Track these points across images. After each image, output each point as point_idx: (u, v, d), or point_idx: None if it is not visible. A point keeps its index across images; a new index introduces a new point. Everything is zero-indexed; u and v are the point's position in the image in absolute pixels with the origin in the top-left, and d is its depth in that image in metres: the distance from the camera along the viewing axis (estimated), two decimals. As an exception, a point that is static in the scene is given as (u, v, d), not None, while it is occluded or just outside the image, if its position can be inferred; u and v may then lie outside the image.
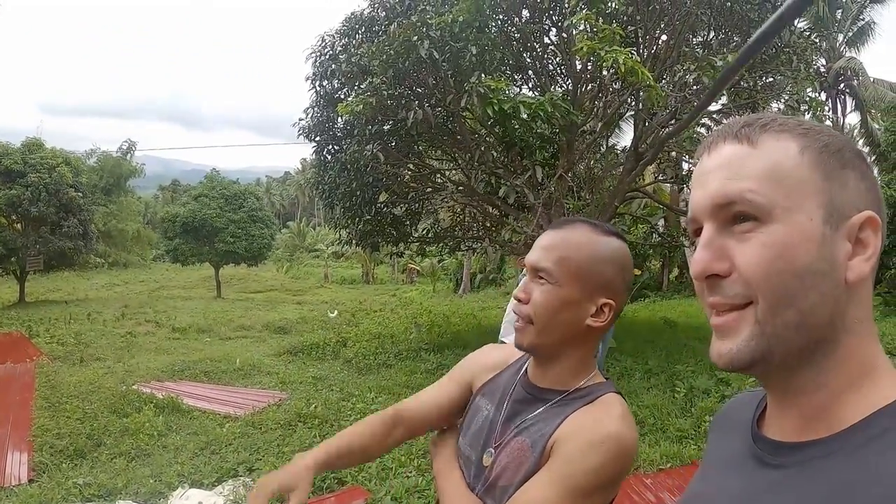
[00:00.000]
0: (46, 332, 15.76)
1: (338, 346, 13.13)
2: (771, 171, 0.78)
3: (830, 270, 0.76)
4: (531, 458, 1.37)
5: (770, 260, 0.76)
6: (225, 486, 5.73)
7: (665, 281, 26.95)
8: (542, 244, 1.45)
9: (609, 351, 10.25)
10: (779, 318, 0.77)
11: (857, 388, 0.78)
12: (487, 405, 1.56)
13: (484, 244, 12.40)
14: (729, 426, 1.00)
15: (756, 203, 0.77)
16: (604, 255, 1.42)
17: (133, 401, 8.47)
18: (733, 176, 0.80)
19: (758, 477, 0.84)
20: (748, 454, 0.88)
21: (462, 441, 1.58)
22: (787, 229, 0.76)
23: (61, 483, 5.80)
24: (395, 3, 11.10)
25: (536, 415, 1.44)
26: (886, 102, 20.91)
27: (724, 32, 11.02)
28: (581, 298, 1.40)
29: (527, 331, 1.43)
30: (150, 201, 71.76)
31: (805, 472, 0.77)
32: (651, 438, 6.86)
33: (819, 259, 0.76)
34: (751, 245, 0.78)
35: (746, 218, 0.78)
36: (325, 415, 7.61)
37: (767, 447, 0.85)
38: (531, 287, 1.44)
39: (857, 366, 0.79)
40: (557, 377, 1.46)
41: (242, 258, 32.41)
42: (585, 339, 1.45)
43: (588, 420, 1.35)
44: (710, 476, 0.98)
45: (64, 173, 24.35)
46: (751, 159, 0.80)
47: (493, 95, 8.79)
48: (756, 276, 0.77)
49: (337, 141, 12.63)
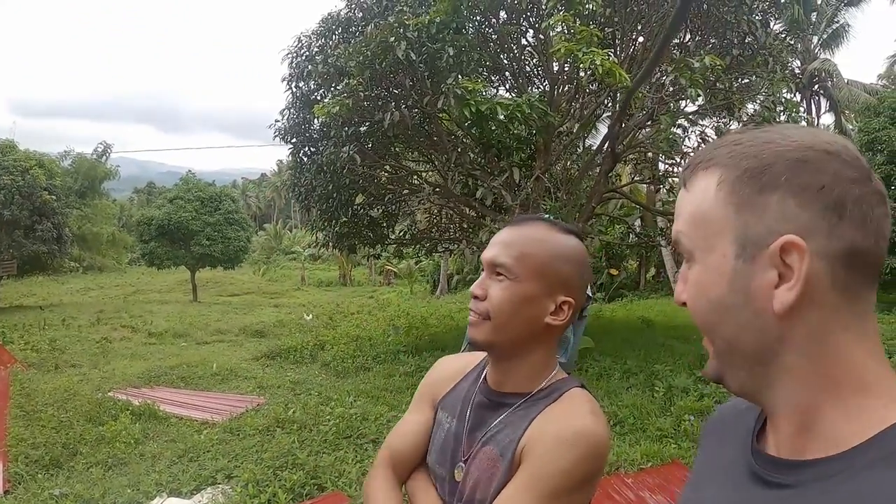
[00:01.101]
0: (20, 338, 15.54)
1: (315, 350, 13.08)
2: (693, 214, 0.82)
3: (745, 303, 0.78)
4: (502, 467, 1.34)
5: (694, 296, 0.83)
6: (204, 494, 5.68)
7: (642, 280, 27.10)
8: (500, 240, 1.42)
9: (587, 351, 10.29)
10: (715, 346, 0.83)
11: (842, 407, 0.76)
12: (448, 419, 1.52)
13: (461, 246, 12.38)
14: (724, 434, 0.99)
15: (685, 246, 0.84)
16: (564, 253, 1.40)
17: (109, 408, 8.36)
18: (678, 217, 0.86)
19: (756, 495, 0.82)
20: (745, 468, 0.86)
21: (430, 459, 1.53)
22: (702, 269, 0.81)
23: (37, 494, 5.70)
24: (373, 4, 11.09)
25: (501, 421, 1.40)
26: (860, 104, 21.15)
27: (700, 34, 11.10)
28: (540, 295, 1.37)
29: (482, 326, 1.39)
30: (126, 204, 71.11)
31: (806, 494, 0.75)
32: (631, 438, 6.89)
33: (730, 293, 0.78)
34: (689, 283, 0.85)
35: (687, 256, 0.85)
36: (303, 419, 7.55)
37: (766, 464, 0.83)
38: (488, 283, 1.40)
39: (832, 384, 0.76)
40: (518, 379, 1.42)
41: (218, 261, 32.23)
42: (545, 338, 1.42)
43: (555, 419, 1.33)
44: (703, 486, 0.97)
45: (37, 176, 24.11)
46: (684, 203, 0.85)
47: (470, 97, 8.80)
48: (691, 309, 0.84)
49: (313, 143, 12.59)
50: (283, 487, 5.53)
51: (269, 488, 5.52)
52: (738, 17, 10.10)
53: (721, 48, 10.62)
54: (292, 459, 6.14)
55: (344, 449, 6.65)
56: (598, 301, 22.63)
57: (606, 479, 5.84)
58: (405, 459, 1.56)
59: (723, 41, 10.76)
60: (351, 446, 6.75)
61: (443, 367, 1.67)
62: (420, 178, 13.29)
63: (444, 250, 16.42)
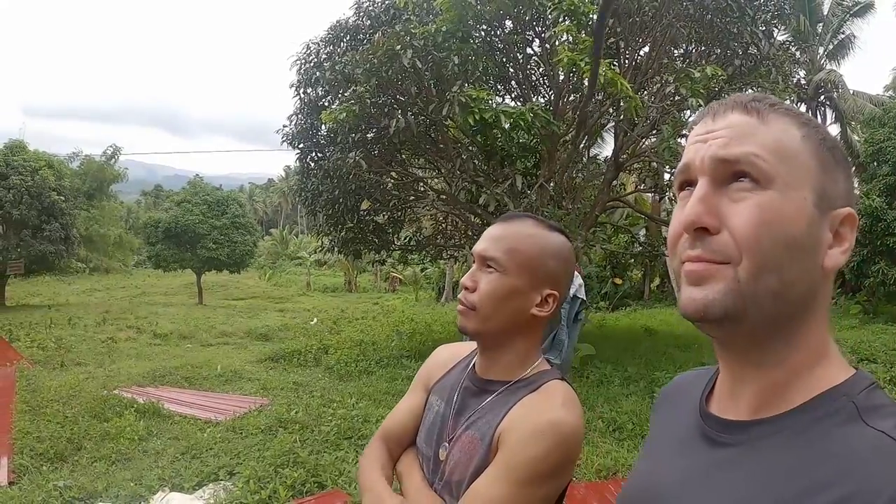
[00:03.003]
0: (27, 336, 15.65)
1: (319, 353, 13.10)
2: (777, 146, 0.81)
3: (814, 250, 0.80)
4: (480, 451, 1.40)
5: (764, 222, 0.78)
6: (206, 489, 5.74)
7: (647, 290, 27.02)
8: (491, 235, 1.50)
9: (588, 358, 10.34)
10: (761, 282, 0.78)
11: (810, 370, 0.82)
12: (438, 402, 1.59)
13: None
14: (675, 404, 1.03)
15: (760, 167, 0.79)
16: (550, 249, 1.48)
17: (114, 405, 8.42)
18: (741, 139, 0.82)
19: (707, 455, 0.87)
20: (696, 432, 0.91)
21: (419, 440, 1.61)
22: (783, 199, 0.79)
23: (42, 486, 5.77)
24: (380, 13, 11.20)
25: (483, 406, 1.47)
26: (865, 115, 21.06)
27: (704, 45, 11.16)
28: (527, 288, 1.45)
29: (470, 316, 1.48)
30: (133, 206, 71.10)
31: (754, 451, 0.80)
32: (630, 444, 6.92)
33: (807, 235, 0.79)
34: (746, 205, 0.79)
35: (746, 178, 0.80)
36: (305, 420, 7.61)
37: (716, 425, 0.88)
38: (478, 275, 1.48)
39: (815, 348, 0.83)
40: (503, 368, 1.50)
41: (224, 265, 32.17)
42: (530, 329, 1.50)
43: (530, 409, 1.38)
44: (656, 454, 1.02)
45: (46, 176, 24.12)
46: (759, 130, 0.82)
47: (474, 105, 8.87)
48: (748, 236, 0.78)
49: (320, 148, 12.68)
50: (283, 484, 5.59)
51: (269, 485, 5.58)
52: (741, 27, 10.17)
53: (724, 59, 10.69)
54: (293, 458, 6.19)
55: (345, 449, 6.71)
56: (601, 310, 22.63)
57: (603, 484, 5.92)
58: (397, 438, 1.65)
59: (726, 52, 10.83)
60: (352, 446, 6.80)
61: (438, 355, 1.76)
62: (425, 185, 13.37)
63: (449, 257, 16.45)
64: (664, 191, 14.34)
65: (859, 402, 0.77)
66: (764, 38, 10.64)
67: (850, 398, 0.78)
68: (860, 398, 0.78)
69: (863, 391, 0.79)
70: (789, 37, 14.42)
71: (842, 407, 0.78)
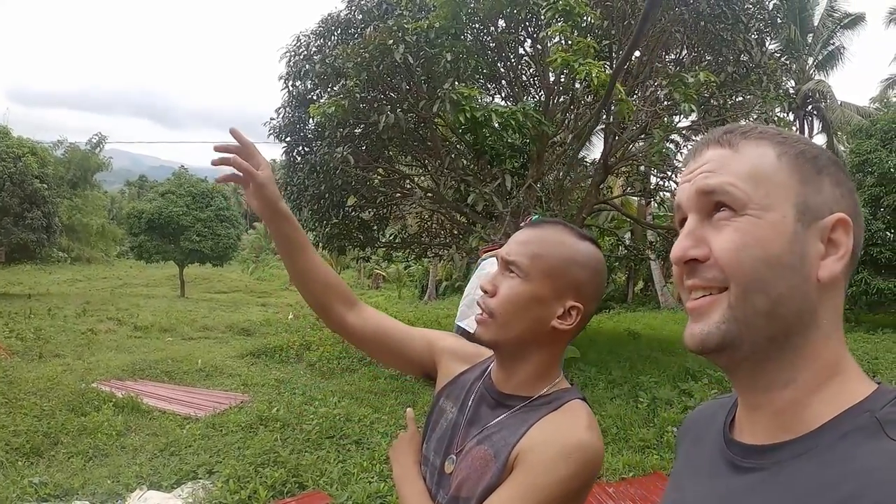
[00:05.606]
0: (5, 325, 15.43)
1: (301, 350, 13.04)
2: (749, 172, 0.83)
3: (800, 265, 0.80)
4: (493, 469, 1.32)
5: (743, 246, 0.80)
6: (184, 488, 5.67)
7: (630, 293, 27.16)
8: (518, 239, 1.43)
9: (572, 361, 10.31)
10: (749, 303, 0.80)
11: (826, 388, 0.81)
12: (451, 408, 1.52)
13: (451, 251, 12.39)
14: (698, 435, 1.02)
15: (734, 195, 0.82)
16: (578, 258, 1.39)
17: (92, 399, 8.33)
18: (717, 171, 0.85)
19: (732, 481, 0.85)
20: (721, 460, 0.90)
21: (426, 446, 1.54)
22: (759, 221, 0.81)
23: (16, 481, 5.68)
24: (373, 7, 11.11)
25: (499, 422, 1.39)
26: (852, 125, 21.25)
27: (696, 50, 11.17)
28: (549, 297, 1.37)
29: (488, 324, 1.40)
30: (117, 196, 70.67)
31: (779, 474, 0.79)
32: (614, 448, 6.91)
33: (789, 252, 0.80)
34: (726, 232, 0.82)
35: (725, 207, 0.83)
36: (287, 418, 7.55)
37: (740, 451, 0.87)
38: (499, 279, 1.41)
39: (825, 365, 0.82)
40: (521, 382, 1.42)
41: (208, 258, 32.10)
42: (550, 342, 1.41)
43: (554, 429, 1.31)
44: (684, 485, 0.99)
45: (30, 163, 23.92)
46: (733, 160, 0.85)
47: (465, 103, 8.83)
48: (729, 259, 0.81)
49: (307, 142, 12.60)
50: (263, 484, 5.54)
51: (249, 485, 5.52)
52: (734, 35, 10.18)
53: (716, 65, 10.70)
54: (274, 457, 6.14)
55: (326, 448, 6.66)
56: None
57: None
58: (368, 314, 1.76)
59: (718, 58, 10.83)
60: (333, 446, 6.75)
61: (463, 345, 1.69)
62: (412, 183, 13.31)
63: (434, 255, 16.42)
64: (651, 195, 14.36)
65: (882, 416, 0.76)
66: (756, 45, 10.66)
67: (873, 414, 0.76)
68: (883, 413, 0.76)
69: (886, 405, 0.77)
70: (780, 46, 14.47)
71: (865, 424, 0.76)
